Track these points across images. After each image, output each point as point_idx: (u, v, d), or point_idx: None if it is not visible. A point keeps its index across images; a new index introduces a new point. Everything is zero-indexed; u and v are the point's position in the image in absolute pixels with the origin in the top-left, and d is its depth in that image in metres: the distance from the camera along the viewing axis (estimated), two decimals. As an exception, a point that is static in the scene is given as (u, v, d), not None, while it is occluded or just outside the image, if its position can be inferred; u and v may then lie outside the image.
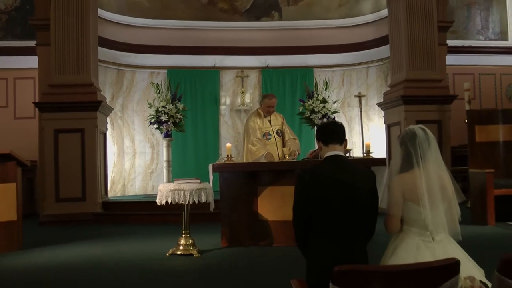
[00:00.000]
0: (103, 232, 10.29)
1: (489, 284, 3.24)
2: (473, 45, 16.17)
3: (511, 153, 10.88)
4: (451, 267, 2.72)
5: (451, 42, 14.33)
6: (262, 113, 10.03)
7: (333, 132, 4.16)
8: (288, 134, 10.08)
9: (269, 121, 9.98)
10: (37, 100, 12.40)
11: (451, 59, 14.41)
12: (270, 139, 9.83)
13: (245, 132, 10.13)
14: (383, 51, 14.75)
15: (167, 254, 7.89)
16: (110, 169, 13.92)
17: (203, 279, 6.56)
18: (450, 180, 4.26)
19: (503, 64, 16.42)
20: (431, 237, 4.11)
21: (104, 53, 13.83)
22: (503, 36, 16.54)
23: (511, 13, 16.52)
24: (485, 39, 16.41)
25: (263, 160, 9.30)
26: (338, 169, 3.99)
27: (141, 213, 12.06)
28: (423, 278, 2.69)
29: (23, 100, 14.09)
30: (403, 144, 4.27)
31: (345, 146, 4.25)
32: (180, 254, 7.83)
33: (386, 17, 13.95)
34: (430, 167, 4.17)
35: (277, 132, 9.90)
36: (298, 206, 4.02)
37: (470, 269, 3.95)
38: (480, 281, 3.70)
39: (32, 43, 12.84)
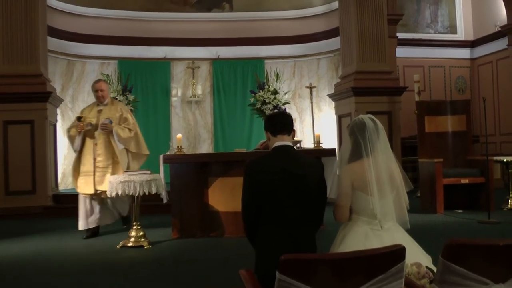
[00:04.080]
0: (53, 226, 10.14)
1: (436, 270, 3.28)
2: (423, 38, 16.41)
3: (459, 143, 11.06)
4: (397, 253, 2.74)
5: (401, 35, 14.51)
6: (96, 102, 9.22)
7: (281, 123, 4.15)
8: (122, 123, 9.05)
9: (99, 112, 8.98)
10: (-16, 91, 12.12)
11: (401, 52, 14.61)
12: (89, 129, 8.76)
13: None
14: (334, 43, 14.84)
15: (118, 246, 7.83)
16: (60, 161, 13.70)
17: (154, 270, 6.52)
18: (399, 169, 4.31)
19: (452, 57, 16.72)
20: (379, 225, 4.15)
21: (53, 42, 13.59)
22: (452, 29, 16.81)
23: (459, 7, 16.81)
24: (435, 32, 16.66)
25: (78, 138, 8.80)
26: (286, 160, 3.99)
27: (92, 206, 11.86)
28: (369, 264, 2.70)
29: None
30: (352, 134, 4.31)
31: (293, 136, 4.24)
32: (131, 246, 7.78)
33: (337, 9, 14.03)
34: (379, 157, 4.21)
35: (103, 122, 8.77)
36: (247, 197, 4.01)
37: (417, 256, 4.01)
38: (427, 267, 3.75)
39: (-22, 32, 12.55)
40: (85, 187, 8.67)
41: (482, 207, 10.02)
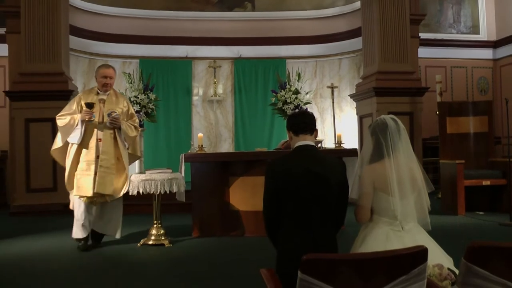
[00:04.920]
0: (74, 223, 10.20)
1: (457, 272, 3.27)
2: (445, 38, 16.28)
3: (481, 145, 11.00)
4: (419, 254, 2.73)
5: (423, 35, 14.41)
6: (96, 90, 7.98)
7: (303, 122, 4.14)
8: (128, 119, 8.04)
9: (102, 102, 7.80)
10: (7, 89, 12.19)
11: (423, 52, 14.51)
12: (92, 121, 7.61)
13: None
14: (356, 43, 14.82)
15: (139, 244, 7.86)
16: (81, 159, 13.77)
17: (175, 268, 6.54)
18: (420, 170, 4.30)
19: (474, 57, 16.57)
20: (400, 226, 4.14)
21: (75, 41, 13.70)
22: (475, 29, 16.68)
23: (482, 7, 16.67)
24: (457, 33, 16.53)
25: (80, 128, 7.54)
26: (308, 159, 3.98)
27: (112, 203, 11.90)
28: (391, 265, 2.70)
29: (-7, 88, 13.86)
30: (374, 134, 4.29)
31: (316, 136, 4.24)
32: (152, 244, 7.80)
33: (359, 9, 14.00)
34: (400, 158, 4.20)
35: (108, 114, 7.65)
36: (268, 196, 4.01)
37: (439, 257, 3.99)
38: (448, 269, 3.74)
39: (1, 31, 12.66)
40: (83, 188, 7.52)
41: (503, 209, 9.95)
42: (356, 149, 9.15)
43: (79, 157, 7.62)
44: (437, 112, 11.64)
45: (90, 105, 7.58)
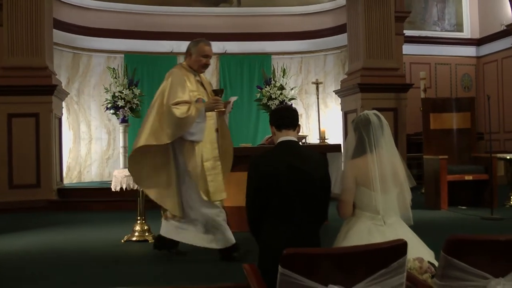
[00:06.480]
0: (58, 220, 10.13)
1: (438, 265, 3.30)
2: (430, 35, 16.36)
3: (464, 140, 11.05)
4: (399, 248, 2.75)
5: (408, 32, 14.49)
6: (189, 69, 6.54)
7: (287, 117, 4.16)
8: None
9: (202, 84, 6.55)
10: (-11, 83, 12.11)
11: (408, 49, 14.59)
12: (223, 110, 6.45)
13: (159, 96, 6.60)
14: (341, 39, 14.84)
15: (122, 240, 7.81)
16: (65, 155, 13.65)
17: (159, 265, 6.53)
18: (402, 166, 4.33)
19: (458, 54, 16.68)
20: (382, 220, 4.17)
21: (59, 35, 13.56)
22: (459, 27, 16.78)
23: (466, 6, 16.78)
24: (441, 30, 16.63)
25: (201, 122, 6.08)
26: (290, 155, 4.00)
27: (97, 200, 11.81)
28: (371, 259, 2.71)
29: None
30: (357, 129, 4.33)
31: (298, 131, 4.26)
32: (136, 241, 7.76)
33: (344, 6, 14.03)
34: (383, 153, 4.23)
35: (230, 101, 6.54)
36: (251, 192, 4.03)
37: (420, 251, 4.04)
38: (429, 262, 3.77)
39: (-17, 23, 12.54)
40: (217, 191, 6.36)
41: (485, 204, 10.00)
42: (340, 144, 9.15)
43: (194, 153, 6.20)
44: (421, 108, 11.70)
45: (218, 92, 6.29)
